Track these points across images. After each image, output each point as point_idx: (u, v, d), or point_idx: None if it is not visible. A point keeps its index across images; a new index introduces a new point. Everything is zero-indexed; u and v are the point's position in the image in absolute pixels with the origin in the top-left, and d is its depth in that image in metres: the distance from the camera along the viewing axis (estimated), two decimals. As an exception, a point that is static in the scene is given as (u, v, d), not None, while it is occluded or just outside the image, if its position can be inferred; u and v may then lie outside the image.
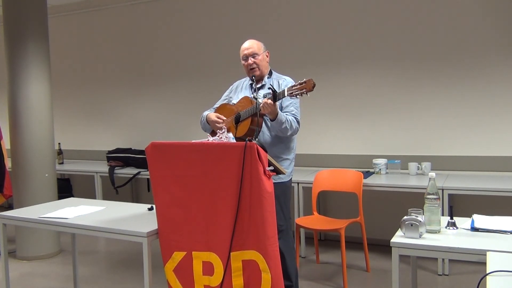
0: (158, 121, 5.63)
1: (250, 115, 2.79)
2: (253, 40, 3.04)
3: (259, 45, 3.02)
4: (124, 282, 3.75)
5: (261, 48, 3.01)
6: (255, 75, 2.97)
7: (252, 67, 2.96)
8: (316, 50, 4.67)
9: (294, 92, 2.60)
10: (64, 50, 6.11)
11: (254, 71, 2.97)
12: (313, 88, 2.55)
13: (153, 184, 2.42)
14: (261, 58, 2.98)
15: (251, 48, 2.97)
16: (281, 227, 2.79)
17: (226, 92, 3.23)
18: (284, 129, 2.79)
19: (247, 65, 2.98)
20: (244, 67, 3.02)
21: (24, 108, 4.27)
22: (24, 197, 4.23)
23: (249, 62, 2.96)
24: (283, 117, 2.76)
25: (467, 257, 1.99)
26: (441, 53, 4.17)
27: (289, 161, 2.98)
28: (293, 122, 2.83)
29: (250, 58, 2.96)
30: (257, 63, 2.97)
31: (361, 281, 3.66)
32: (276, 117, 2.72)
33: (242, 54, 3.01)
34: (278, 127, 2.78)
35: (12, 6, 4.26)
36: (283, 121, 2.75)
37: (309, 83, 2.55)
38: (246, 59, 2.98)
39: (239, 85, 3.16)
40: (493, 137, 4.02)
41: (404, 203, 3.35)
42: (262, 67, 2.99)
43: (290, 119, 2.81)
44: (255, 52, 2.97)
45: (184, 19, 5.38)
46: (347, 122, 4.60)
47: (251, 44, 3.00)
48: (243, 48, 3.01)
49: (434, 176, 2.23)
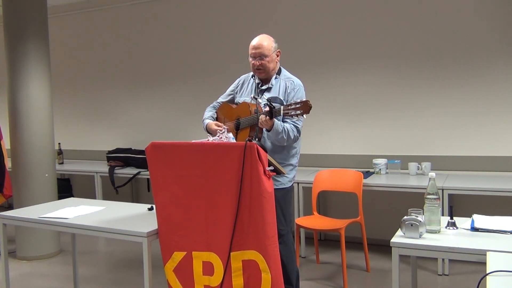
0: (158, 121, 5.62)
1: (249, 125, 2.73)
2: (264, 36, 2.84)
3: (269, 45, 2.82)
4: (124, 282, 3.75)
5: (271, 49, 2.81)
6: (260, 77, 2.87)
7: (257, 68, 2.83)
8: (316, 50, 4.67)
9: (290, 112, 2.50)
10: (64, 50, 6.11)
11: (259, 73, 2.85)
12: (309, 110, 2.45)
13: (153, 184, 2.42)
14: (269, 59, 2.80)
15: (259, 49, 2.79)
16: (282, 231, 2.73)
17: (231, 87, 3.10)
18: (281, 139, 2.69)
19: (253, 64, 2.83)
20: (250, 63, 2.87)
21: (24, 108, 4.27)
22: (24, 197, 4.23)
23: (255, 62, 2.82)
24: (279, 127, 2.65)
25: (467, 257, 1.99)
26: (441, 53, 4.17)
27: (291, 166, 2.89)
28: (291, 131, 2.71)
29: (258, 59, 2.80)
30: (264, 65, 2.80)
31: (361, 281, 3.66)
32: (272, 128, 2.63)
33: (250, 51, 2.84)
34: (274, 137, 2.69)
35: (12, 6, 4.25)
36: (279, 131, 2.65)
37: (305, 105, 2.45)
38: (253, 58, 2.83)
39: (246, 81, 3.03)
40: (493, 137, 4.02)
41: (404, 203, 3.34)
42: (269, 69, 2.83)
43: (288, 128, 2.70)
44: (263, 53, 2.79)
45: (184, 19, 5.38)
46: (347, 122, 4.60)
47: (261, 42, 2.81)
48: (251, 46, 2.83)
49: (434, 176, 2.23)
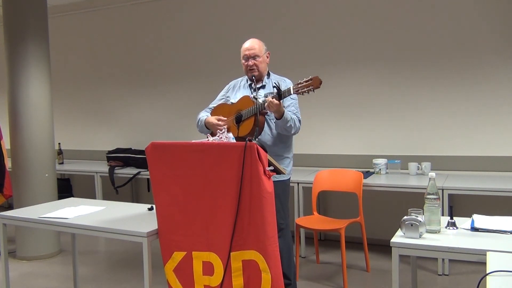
0: (158, 121, 5.62)
1: (252, 115, 2.76)
2: (255, 40, 3.00)
3: (261, 46, 2.97)
4: (124, 282, 3.75)
5: (262, 50, 2.97)
6: (254, 75, 2.95)
7: (251, 68, 2.94)
8: (316, 50, 4.67)
9: (301, 89, 2.58)
10: (64, 50, 6.11)
11: (253, 72, 2.94)
12: (320, 85, 2.53)
13: (153, 184, 2.42)
14: (261, 60, 2.95)
15: (252, 50, 2.94)
16: (281, 225, 2.81)
17: (222, 92, 3.19)
18: (289, 128, 2.79)
19: (247, 65, 2.95)
20: (243, 65, 2.99)
21: (24, 108, 4.27)
22: (24, 197, 4.23)
23: (249, 63, 2.93)
24: (288, 115, 2.76)
25: (467, 257, 1.99)
26: (441, 53, 4.17)
27: (289, 159, 3.01)
28: (296, 121, 2.84)
29: (251, 59, 2.93)
30: (257, 64, 2.94)
31: (361, 281, 3.66)
32: (283, 116, 2.72)
33: (242, 53, 2.98)
34: (283, 125, 2.77)
35: (12, 6, 4.25)
36: (288, 119, 2.75)
37: (316, 80, 2.53)
38: (246, 59, 2.95)
39: (236, 84, 3.14)
40: (493, 137, 4.02)
41: (404, 203, 3.35)
42: (261, 68, 2.97)
43: (294, 118, 2.82)
44: (256, 53, 2.93)
45: (184, 19, 5.38)
46: (347, 122, 4.59)
47: (253, 44, 2.96)
48: (244, 48, 2.97)
49: (434, 176, 2.23)
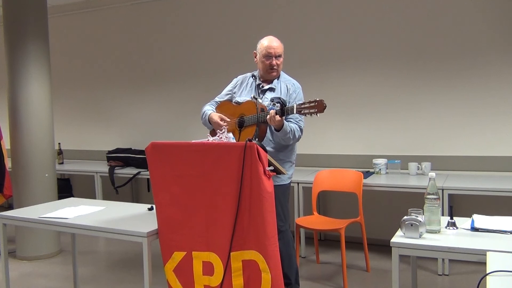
0: (158, 121, 5.62)
1: (255, 123, 2.77)
2: (276, 38, 2.92)
3: (282, 46, 2.93)
4: (124, 282, 3.75)
5: (283, 50, 2.93)
6: (273, 75, 2.91)
7: (273, 67, 2.88)
8: (316, 50, 4.67)
9: (303, 110, 2.57)
10: (64, 50, 6.11)
11: (273, 72, 2.90)
12: (323, 110, 2.50)
13: (153, 184, 2.43)
14: (282, 60, 2.91)
15: (279, 49, 2.88)
16: (281, 228, 2.79)
17: (229, 86, 3.12)
18: (287, 139, 2.79)
19: (270, 64, 2.87)
20: (261, 63, 2.90)
21: (24, 108, 4.26)
22: (24, 197, 4.23)
23: (273, 62, 2.86)
24: (288, 128, 2.75)
25: (467, 257, 1.99)
26: (441, 53, 4.17)
27: (290, 163, 2.98)
28: (296, 131, 2.81)
29: (275, 58, 2.86)
30: (279, 64, 2.90)
31: (361, 281, 3.66)
32: (282, 128, 2.72)
33: (266, 51, 2.86)
34: (282, 137, 2.77)
35: (12, 6, 4.25)
36: (287, 131, 2.74)
37: (320, 104, 2.51)
38: (270, 58, 2.86)
39: (244, 81, 3.05)
40: (493, 137, 4.02)
41: (404, 203, 3.34)
42: (280, 69, 2.94)
43: (294, 128, 2.79)
44: (280, 53, 2.89)
45: (184, 19, 5.37)
46: (347, 122, 4.59)
47: (279, 43, 2.90)
48: (270, 46, 2.87)
49: (434, 176, 2.23)
